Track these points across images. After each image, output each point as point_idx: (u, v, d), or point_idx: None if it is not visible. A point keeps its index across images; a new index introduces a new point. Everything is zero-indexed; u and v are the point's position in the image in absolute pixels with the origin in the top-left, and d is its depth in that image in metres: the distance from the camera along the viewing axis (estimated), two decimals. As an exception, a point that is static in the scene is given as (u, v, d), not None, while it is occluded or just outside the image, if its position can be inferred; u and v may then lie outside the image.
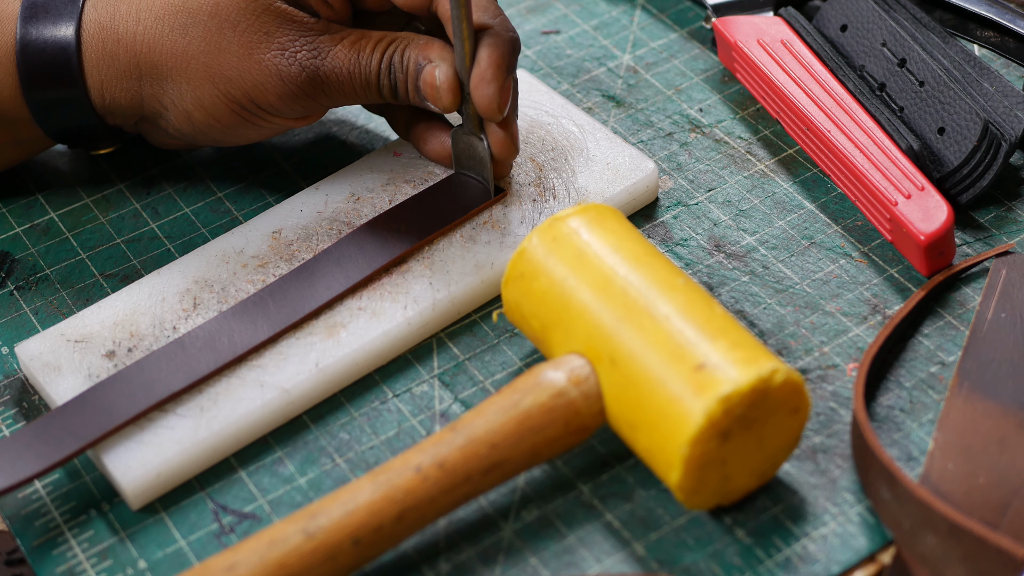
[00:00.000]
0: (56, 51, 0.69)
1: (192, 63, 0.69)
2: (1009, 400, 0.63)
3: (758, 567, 0.59)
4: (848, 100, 0.75)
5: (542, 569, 0.60)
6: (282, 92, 0.69)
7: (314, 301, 0.68)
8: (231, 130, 0.72)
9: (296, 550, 0.56)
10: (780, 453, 0.61)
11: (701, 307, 0.60)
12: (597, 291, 0.61)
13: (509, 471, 0.60)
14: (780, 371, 0.58)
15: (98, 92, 0.70)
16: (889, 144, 0.72)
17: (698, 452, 0.57)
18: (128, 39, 0.69)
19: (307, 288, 0.68)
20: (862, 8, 0.79)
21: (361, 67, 0.69)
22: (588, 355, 0.61)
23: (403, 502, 0.58)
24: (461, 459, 0.59)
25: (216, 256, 0.71)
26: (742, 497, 0.61)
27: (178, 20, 0.69)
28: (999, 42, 0.82)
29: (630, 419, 0.60)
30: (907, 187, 0.70)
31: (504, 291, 0.65)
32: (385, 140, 0.79)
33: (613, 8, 0.87)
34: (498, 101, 0.68)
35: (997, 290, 0.68)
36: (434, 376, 0.68)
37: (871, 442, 0.60)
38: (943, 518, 0.56)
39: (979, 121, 0.72)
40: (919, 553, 0.58)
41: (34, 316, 0.71)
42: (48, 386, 0.66)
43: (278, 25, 0.69)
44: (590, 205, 0.65)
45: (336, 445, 0.65)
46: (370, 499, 0.58)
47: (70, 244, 0.75)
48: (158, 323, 0.68)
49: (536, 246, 0.64)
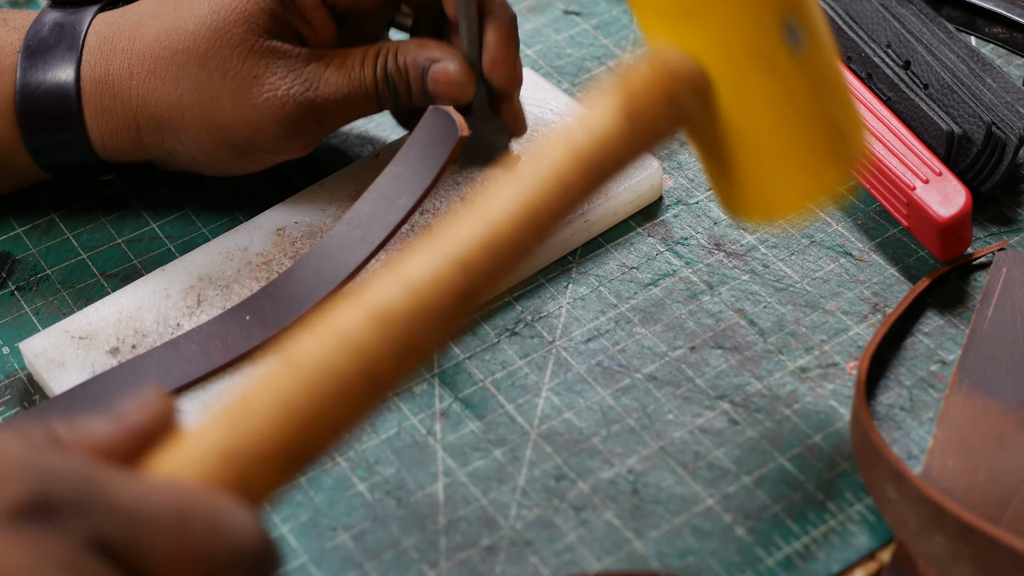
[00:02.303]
0: (57, 97, 0.70)
1: (187, 113, 0.69)
2: (1009, 398, 0.63)
3: (758, 565, 0.59)
4: (861, 89, 0.75)
5: (542, 568, 0.60)
6: (278, 132, 0.69)
7: (311, 298, 0.67)
8: (232, 166, 0.72)
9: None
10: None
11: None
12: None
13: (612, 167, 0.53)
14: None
15: (99, 139, 0.71)
16: (905, 131, 0.72)
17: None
18: (124, 94, 0.70)
19: (303, 286, 0.68)
20: (866, 9, 0.79)
21: (355, 85, 0.69)
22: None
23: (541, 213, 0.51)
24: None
25: (220, 254, 0.71)
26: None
27: (169, 72, 0.69)
28: (1008, 38, 0.82)
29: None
30: (925, 172, 0.70)
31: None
32: (386, 140, 0.79)
33: (613, 7, 0.87)
34: (517, 76, 0.71)
35: (997, 288, 0.68)
36: (434, 375, 0.68)
37: (876, 440, 0.60)
38: (953, 518, 0.56)
39: (983, 125, 0.72)
40: (926, 552, 0.58)
41: (35, 316, 0.71)
42: (52, 383, 0.66)
43: (265, 65, 0.68)
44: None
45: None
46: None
47: (71, 244, 0.75)
48: (162, 320, 0.68)
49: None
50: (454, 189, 0.74)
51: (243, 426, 0.46)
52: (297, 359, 0.47)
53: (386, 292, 0.49)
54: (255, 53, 0.69)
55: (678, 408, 0.66)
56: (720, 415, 0.65)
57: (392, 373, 0.48)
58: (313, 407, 0.46)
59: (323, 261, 0.68)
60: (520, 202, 0.51)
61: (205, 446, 0.45)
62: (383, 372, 0.48)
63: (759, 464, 0.63)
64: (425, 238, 0.50)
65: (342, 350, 0.47)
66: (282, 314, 0.67)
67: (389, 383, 0.48)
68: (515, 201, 0.51)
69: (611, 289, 0.71)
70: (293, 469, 0.46)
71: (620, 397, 0.66)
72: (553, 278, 0.72)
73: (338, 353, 0.47)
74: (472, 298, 0.50)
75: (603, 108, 0.53)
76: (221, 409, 0.46)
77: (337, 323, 0.48)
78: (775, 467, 0.63)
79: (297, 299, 0.67)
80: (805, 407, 0.65)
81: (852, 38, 0.78)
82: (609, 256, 0.73)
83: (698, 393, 0.66)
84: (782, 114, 0.55)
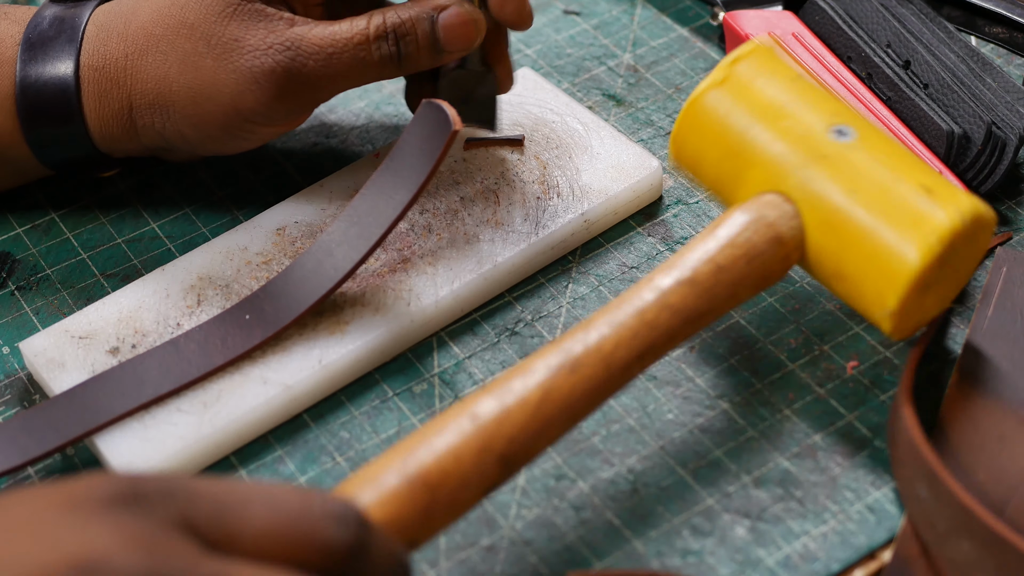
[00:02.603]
0: (56, 89, 0.69)
1: (174, 86, 0.69)
2: (1009, 398, 0.63)
3: (758, 565, 0.59)
4: (861, 89, 0.75)
5: (542, 567, 0.60)
6: (262, 98, 0.68)
7: (311, 297, 0.67)
8: (225, 143, 0.71)
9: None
10: (961, 276, 0.64)
11: (892, 145, 0.63)
12: (790, 135, 0.63)
13: (719, 309, 0.61)
14: (983, 208, 0.61)
15: (97, 128, 0.71)
16: (905, 131, 0.72)
17: (919, 284, 0.60)
18: (119, 77, 0.70)
19: (302, 284, 0.68)
20: (866, 9, 0.79)
21: (342, 45, 0.68)
22: (785, 194, 0.63)
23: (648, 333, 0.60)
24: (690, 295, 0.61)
25: (220, 253, 0.71)
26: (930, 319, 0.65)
27: (159, 48, 0.69)
28: (1008, 38, 0.82)
29: (836, 251, 0.62)
30: None
31: (678, 138, 0.67)
32: (386, 139, 0.79)
33: (614, 7, 0.87)
34: (527, 10, 0.70)
35: (997, 287, 0.68)
36: (434, 375, 0.68)
37: (917, 440, 0.59)
38: (984, 525, 0.56)
39: (983, 125, 0.72)
40: (949, 558, 0.58)
41: (35, 316, 0.71)
42: (52, 382, 0.66)
43: (247, 28, 0.68)
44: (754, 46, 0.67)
45: (336, 444, 0.65)
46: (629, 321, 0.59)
47: (71, 244, 0.75)
48: (162, 319, 0.68)
49: (717, 95, 0.65)
50: (453, 188, 0.74)
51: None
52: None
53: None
54: (237, 16, 0.68)
55: (678, 408, 0.66)
56: (720, 415, 0.65)
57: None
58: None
59: (322, 259, 0.68)
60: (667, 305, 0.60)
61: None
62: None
63: (759, 464, 0.63)
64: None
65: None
66: (282, 313, 0.67)
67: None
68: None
69: (611, 289, 0.71)
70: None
71: (620, 396, 0.66)
72: (553, 278, 0.72)
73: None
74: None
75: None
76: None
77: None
78: (775, 467, 0.63)
79: (297, 298, 0.67)
80: (805, 407, 0.65)
81: (852, 38, 0.78)
82: (609, 256, 0.73)
83: (698, 393, 0.66)
84: (860, 192, 0.61)
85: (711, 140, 0.65)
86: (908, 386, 0.62)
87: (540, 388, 0.57)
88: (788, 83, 0.64)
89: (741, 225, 0.62)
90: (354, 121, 0.81)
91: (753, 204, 0.63)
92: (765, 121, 0.63)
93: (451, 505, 0.55)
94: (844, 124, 0.63)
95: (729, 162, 0.64)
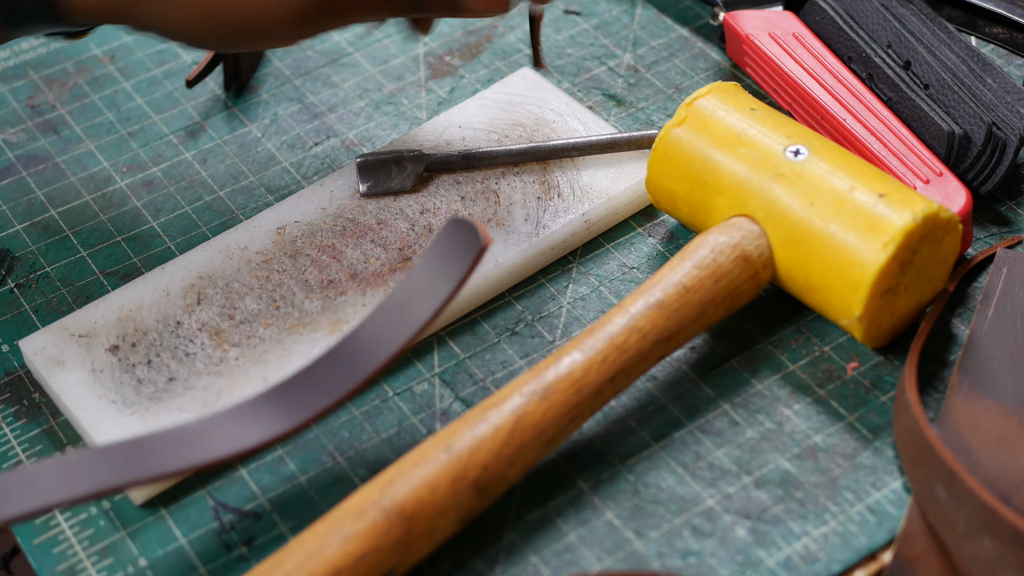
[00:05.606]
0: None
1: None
2: (1009, 398, 0.63)
3: (759, 566, 0.59)
4: (862, 89, 0.75)
5: (543, 568, 0.60)
6: (287, 16, 0.63)
7: (321, 403, 0.62)
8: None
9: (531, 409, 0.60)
10: (935, 283, 0.67)
11: (849, 158, 0.66)
12: (749, 159, 0.67)
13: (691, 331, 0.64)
14: (937, 208, 0.63)
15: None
16: (905, 131, 0.72)
17: (880, 287, 0.63)
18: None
19: (318, 390, 0.63)
20: (867, 9, 0.79)
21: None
22: (750, 216, 0.66)
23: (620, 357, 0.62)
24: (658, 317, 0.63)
25: (220, 252, 0.71)
26: (901, 332, 0.67)
27: None
28: (1008, 38, 0.82)
29: (802, 264, 0.64)
30: (925, 172, 0.70)
31: (651, 179, 0.70)
32: (385, 139, 0.79)
33: (614, 7, 0.87)
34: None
35: (998, 288, 0.68)
36: (434, 375, 0.68)
37: (931, 438, 0.59)
38: (1006, 523, 0.56)
39: (983, 125, 0.72)
40: (970, 555, 0.58)
41: (34, 314, 0.71)
42: (52, 380, 0.66)
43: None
44: (715, 85, 0.70)
45: (337, 443, 0.65)
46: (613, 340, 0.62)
47: (70, 242, 0.75)
48: (162, 318, 0.68)
49: (679, 132, 0.69)
50: (454, 187, 0.74)
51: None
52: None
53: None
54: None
55: (678, 408, 0.66)
56: (720, 415, 0.65)
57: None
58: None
59: (342, 362, 0.63)
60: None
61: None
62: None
63: (759, 464, 0.63)
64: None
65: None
66: (305, 409, 0.62)
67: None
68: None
69: (611, 289, 0.71)
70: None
71: (620, 397, 0.66)
72: (553, 278, 0.72)
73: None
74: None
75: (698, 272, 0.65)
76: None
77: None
78: (775, 467, 0.63)
79: (313, 399, 0.63)
80: (805, 407, 0.65)
81: (853, 38, 0.78)
82: (609, 256, 0.73)
83: (698, 393, 0.66)
84: (817, 204, 0.64)
85: (680, 175, 0.69)
86: (914, 386, 0.63)
87: (512, 416, 0.59)
88: (746, 113, 0.68)
89: (707, 247, 0.65)
90: (354, 120, 0.81)
91: (719, 228, 0.66)
92: (724, 148, 0.67)
93: (428, 534, 0.57)
94: (798, 143, 0.67)
95: (698, 192, 0.68)
